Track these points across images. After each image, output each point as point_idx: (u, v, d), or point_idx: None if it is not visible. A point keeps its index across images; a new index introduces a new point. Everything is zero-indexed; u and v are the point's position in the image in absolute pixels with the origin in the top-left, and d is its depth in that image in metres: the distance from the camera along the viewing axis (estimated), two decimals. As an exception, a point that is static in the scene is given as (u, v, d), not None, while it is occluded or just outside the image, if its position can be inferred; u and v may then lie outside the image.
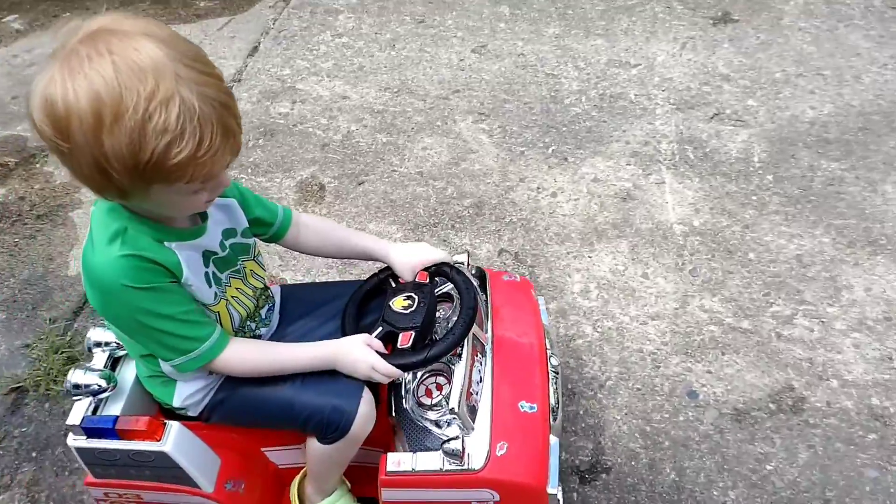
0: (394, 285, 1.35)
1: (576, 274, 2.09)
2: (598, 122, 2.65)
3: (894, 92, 2.59)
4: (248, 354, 1.20)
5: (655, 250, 2.13)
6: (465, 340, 1.25)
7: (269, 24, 3.45)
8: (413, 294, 1.28)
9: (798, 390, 1.74)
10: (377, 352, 1.20)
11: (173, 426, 1.19)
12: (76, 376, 1.24)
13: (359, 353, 1.19)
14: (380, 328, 1.24)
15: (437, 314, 1.35)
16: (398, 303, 1.27)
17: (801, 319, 1.90)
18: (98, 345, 1.33)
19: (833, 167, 2.34)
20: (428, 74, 3.00)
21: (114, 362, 1.34)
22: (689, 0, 3.23)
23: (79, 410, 1.23)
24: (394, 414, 1.27)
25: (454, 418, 1.19)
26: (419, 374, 1.30)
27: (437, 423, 1.23)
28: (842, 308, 1.91)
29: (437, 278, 1.36)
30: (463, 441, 1.17)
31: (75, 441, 1.22)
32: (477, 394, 1.26)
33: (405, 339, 1.22)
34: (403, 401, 1.26)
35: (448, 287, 1.36)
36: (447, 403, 1.20)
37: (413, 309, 1.25)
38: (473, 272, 1.43)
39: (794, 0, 3.14)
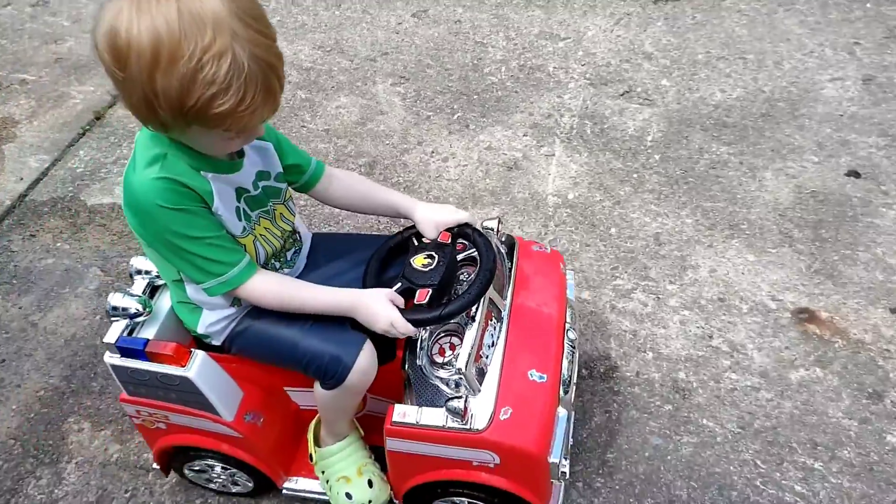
0: (416, 244, 1.37)
1: (441, 235, 2.17)
2: (509, 93, 2.69)
3: (809, 80, 2.56)
4: (272, 286, 1.24)
5: (523, 219, 2.20)
6: (481, 302, 1.26)
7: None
8: (434, 253, 1.30)
9: (613, 360, 1.81)
10: (397, 307, 1.23)
11: (198, 354, 1.27)
12: (115, 299, 1.31)
13: (381, 306, 1.22)
14: (399, 284, 1.27)
15: (460, 276, 1.38)
16: (418, 260, 1.29)
17: (639, 294, 1.95)
18: (139, 272, 1.42)
19: (722, 151, 2.35)
20: (363, 35, 3.07)
21: (152, 291, 1.42)
22: (637, -24, 3.21)
23: (115, 330, 1.31)
24: (406, 368, 1.31)
25: (461, 378, 1.22)
26: (434, 332, 1.32)
27: (446, 382, 1.26)
28: (681, 286, 1.96)
29: (465, 242, 1.38)
30: (466, 401, 1.19)
31: (111, 359, 1.31)
32: (487, 357, 1.28)
33: (422, 296, 1.24)
34: (417, 357, 1.29)
35: (475, 251, 1.37)
36: (455, 363, 1.22)
37: (432, 267, 1.27)
38: (503, 239, 1.46)
39: (742, -19, 3.09)
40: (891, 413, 1.63)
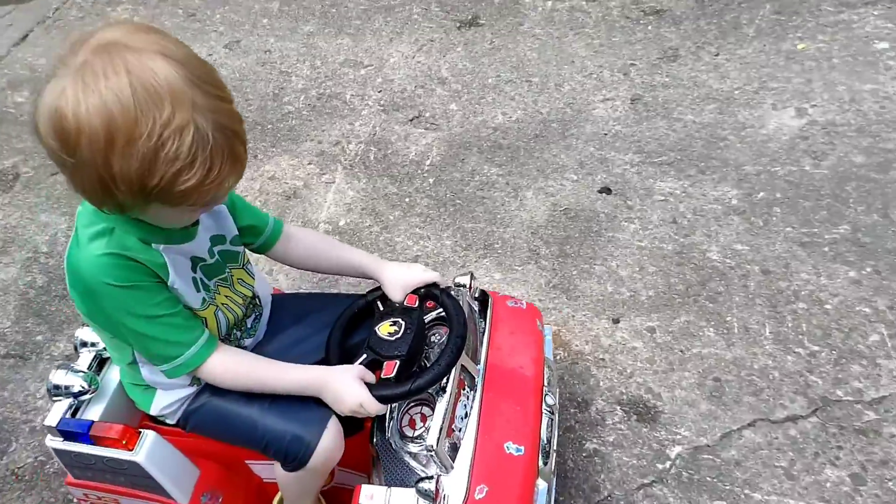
0: (381, 308, 1.29)
1: (207, 269, 2.18)
2: (303, 122, 2.74)
3: (584, 101, 2.69)
4: (233, 365, 1.16)
5: (292, 248, 2.23)
6: (453, 371, 1.20)
7: (48, 13, 3.50)
8: (400, 319, 1.22)
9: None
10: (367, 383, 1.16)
11: (148, 435, 1.19)
12: (57, 377, 1.23)
13: (349, 387, 1.14)
14: (364, 355, 1.20)
15: (431, 339, 1.33)
16: (384, 328, 1.22)
17: (387, 317, 2.00)
18: (85, 344, 1.33)
19: (492, 172, 2.44)
20: (170, 68, 3.06)
21: (100, 363, 1.34)
22: (446, 2, 3.31)
23: (57, 411, 1.23)
24: (375, 443, 1.24)
25: (433, 456, 1.16)
26: (404, 403, 1.26)
27: (416, 457, 1.19)
28: (428, 308, 2.02)
29: (433, 302, 1.32)
30: (438, 481, 1.12)
31: (52, 442, 1.23)
32: (460, 430, 1.21)
33: (389, 369, 1.16)
34: (386, 431, 1.22)
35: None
36: (427, 438, 1.16)
37: (399, 336, 1.20)
38: (476, 295, 1.40)
39: (542, 7, 3.23)
40: (594, 420, 1.72)
